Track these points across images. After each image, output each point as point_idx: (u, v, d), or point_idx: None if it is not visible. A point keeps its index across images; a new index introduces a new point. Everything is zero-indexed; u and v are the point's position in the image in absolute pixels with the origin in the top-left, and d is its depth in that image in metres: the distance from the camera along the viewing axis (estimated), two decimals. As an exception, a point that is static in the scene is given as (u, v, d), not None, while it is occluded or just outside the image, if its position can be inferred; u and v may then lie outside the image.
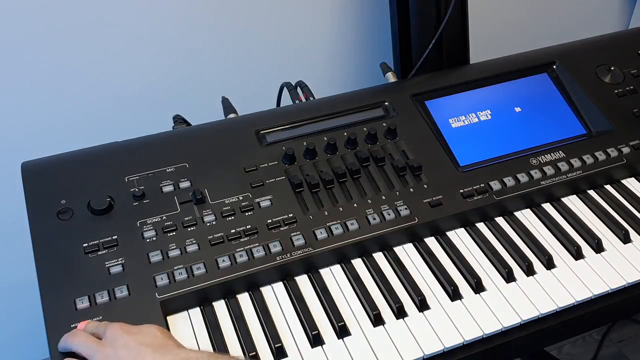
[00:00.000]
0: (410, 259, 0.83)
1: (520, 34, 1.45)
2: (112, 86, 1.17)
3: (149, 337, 0.65)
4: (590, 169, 0.93)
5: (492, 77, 1.04)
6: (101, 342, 0.66)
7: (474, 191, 0.89)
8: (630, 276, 0.81)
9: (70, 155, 0.88)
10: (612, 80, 1.05)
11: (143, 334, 0.65)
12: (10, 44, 1.06)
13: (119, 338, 0.65)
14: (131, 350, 0.63)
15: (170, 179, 0.85)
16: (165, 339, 0.65)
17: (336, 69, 1.34)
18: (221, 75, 1.24)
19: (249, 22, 1.21)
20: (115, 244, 0.78)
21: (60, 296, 0.72)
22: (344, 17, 1.28)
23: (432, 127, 0.96)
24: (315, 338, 0.73)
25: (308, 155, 0.90)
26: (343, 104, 0.98)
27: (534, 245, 0.85)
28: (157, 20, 1.14)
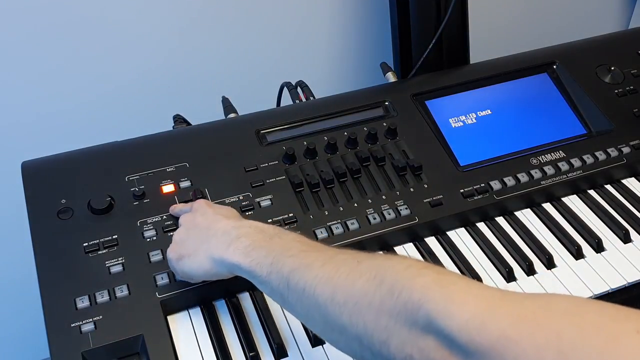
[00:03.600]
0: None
1: (520, 34, 1.45)
2: (112, 86, 1.17)
3: (225, 210, 0.74)
4: (590, 168, 0.93)
5: (492, 77, 1.04)
6: (184, 214, 0.76)
7: (474, 191, 0.89)
8: (630, 276, 0.81)
9: (70, 155, 0.88)
10: (612, 80, 1.05)
11: (221, 208, 0.75)
12: (10, 43, 1.06)
13: (199, 208, 0.74)
14: (207, 217, 0.71)
15: (171, 178, 0.85)
16: (237, 214, 0.74)
17: (336, 69, 1.34)
18: (221, 75, 1.24)
19: (249, 22, 1.21)
20: (115, 243, 0.78)
21: (61, 295, 0.72)
22: (344, 17, 1.28)
23: (432, 127, 0.96)
24: (316, 338, 0.72)
25: (308, 155, 0.90)
26: (343, 104, 0.98)
27: (535, 245, 0.85)
28: (157, 20, 1.14)
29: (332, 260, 0.57)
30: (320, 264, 0.57)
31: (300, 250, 0.60)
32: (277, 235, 0.64)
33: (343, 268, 0.55)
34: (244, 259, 0.63)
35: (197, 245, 0.69)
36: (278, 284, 0.59)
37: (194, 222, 0.72)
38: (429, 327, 0.47)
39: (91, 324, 0.70)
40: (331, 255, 0.58)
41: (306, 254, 0.59)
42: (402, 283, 0.49)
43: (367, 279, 0.52)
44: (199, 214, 0.72)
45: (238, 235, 0.65)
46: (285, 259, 0.60)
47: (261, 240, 0.64)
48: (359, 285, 0.52)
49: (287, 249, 0.61)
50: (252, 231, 0.65)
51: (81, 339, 0.69)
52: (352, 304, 0.52)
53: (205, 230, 0.69)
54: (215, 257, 0.66)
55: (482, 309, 0.45)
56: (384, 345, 0.50)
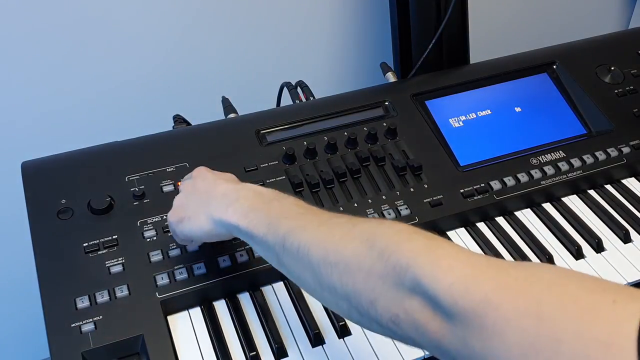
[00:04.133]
0: (411, 258, 0.83)
1: (520, 34, 1.45)
2: (112, 86, 1.17)
3: (225, 175, 0.74)
4: (590, 168, 0.93)
5: (492, 77, 1.04)
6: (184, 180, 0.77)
7: (474, 191, 0.89)
8: (630, 276, 0.81)
9: (70, 155, 0.88)
10: (612, 80, 1.05)
11: (222, 174, 0.75)
12: (10, 43, 1.06)
13: (200, 173, 0.74)
14: (207, 181, 0.72)
15: (171, 178, 0.85)
16: (237, 179, 0.74)
17: (336, 69, 1.34)
18: (221, 75, 1.24)
19: (249, 22, 1.21)
20: (115, 243, 0.78)
21: (61, 296, 0.72)
22: (344, 17, 1.28)
23: (432, 127, 0.96)
24: (316, 337, 0.73)
25: (308, 155, 0.90)
26: (343, 104, 0.98)
27: (534, 245, 0.85)
28: (157, 20, 1.14)
29: (328, 222, 0.59)
30: (315, 226, 0.59)
31: (297, 213, 0.62)
32: (275, 198, 0.66)
33: (337, 230, 0.57)
34: (242, 219, 0.64)
35: (197, 207, 0.70)
36: (274, 244, 0.61)
37: (194, 186, 0.73)
38: (415, 290, 0.48)
39: (91, 324, 0.70)
40: (327, 218, 0.60)
41: (302, 216, 0.61)
42: (392, 247, 0.51)
43: (359, 242, 0.54)
44: (200, 179, 0.73)
45: (237, 198, 0.67)
46: (281, 220, 0.61)
47: (259, 203, 0.65)
48: (350, 248, 0.54)
49: (285, 212, 0.63)
50: (251, 194, 0.67)
51: (81, 339, 0.69)
52: (343, 265, 0.54)
53: (205, 194, 0.70)
54: (215, 218, 0.67)
55: (466, 273, 0.46)
56: (372, 306, 0.51)
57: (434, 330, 0.47)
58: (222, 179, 0.72)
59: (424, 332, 0.48)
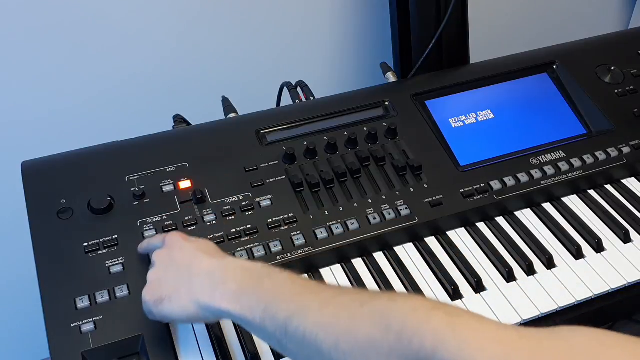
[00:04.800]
0: (411, 258, 0.83)
1: (520, 34, 1.46)
2: (112, 86, 1.17)
3: (204, 245, 0.67)
4: (590, 168, 0.93)
5: (492, 77, 1.04)
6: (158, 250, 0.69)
7: (474, 191, 0.89)
8: (630, 276, 0.81)
9: (70, 154, 0.88)
10: (612, 80, 1.05)
11: (200, 242, 0.68)
12: (10, 43, 1.06)
13: (176, 242, 0.67)
14: (186, 253, 0.65)
15: (171, 178, 0.85)
16: (219, 250, 0.67)
17: (336, 69, 1.34)
18: (221, 75, 1.24)
19: (249, 21, 1.21)
20: (115, 243, 0.78)
21: (61, 295, 0.72)
22: (344, 17, 1.28)
23: (432, 127, 0.96)
24: (316, 338, 0.73)
25: (308, 155, 0.90)
26: (343, 104, 0.98)
27: (535, 244, 0.85)
28: (157, 20, 1.14)
29: (331, 303, 0.54)
30: (318, 308, 0.54)
31: (293, 292, 0.57)
32: (266, 275, 0.60)
33: (344, 312, 0.52)
34: (234, 305, 0.59)
35: (177, 285, 0.63)
36: (274, 330, 0.56)
37: (171, 258, 0.66)
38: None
39: (91, 324, 0.70)
40: (329, 297, 0.55)
41: (301, 297, 0.56)
42: (412, 328, 0.47)
43: (372, 324, 0.50)
44: (177, 249, 0.66)
45: (224, 279, 0.61)
46: (279, 304, 0.56)
47: (250, 283, 0.60)
48: (363, 331, 0.50)
49: (280, 292, 0.58)
50: (239, 273, 0.61)
51: (81, 339, 0.69)
52: (359, 351, 0.50)
53: (185, 269, 0.64)
54: (201, 302, 0.61)
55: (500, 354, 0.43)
56: None
57: None
58: (202, 251, 0.65)
59: None
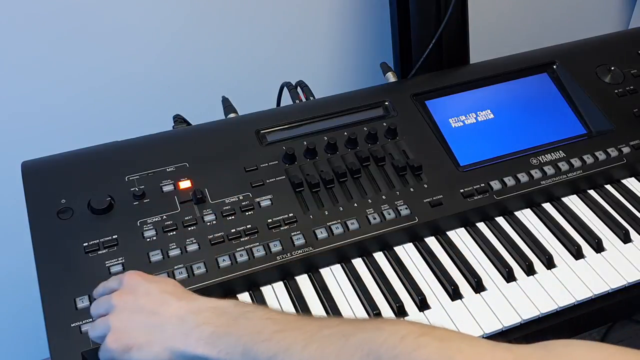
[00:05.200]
0: (411, 258, 0.83)
1: (520, 34, 1.45)
2: (112, 86, 1.17)
3: (170, 286, 0.64)
4: (590, 168, 0.93)
5: (492, 77, 1.04)
6: (118, 292, 0.63)
7: (474, 191, 0.88)
8: (630, 276, 0.81)
9: (70, 154, 0.88)
10: (612, 80, 1.05)
11: (164, 283, 0.64)
12: (10, 44, 1.06)
13: (139, 285, 0.63)
14: (154, 297, 0.61)
15: (171, 178, 0.85)
16: (185, 290, 0.64)
17: (336, 69, 1.34)
18: (221, 75, 1.24)
19: (249, 21, 1.21)
20: (115, 243, 0.78)
21: (61, 295, 0.72)
22: (344, 17, 1.28)
23: (432, 127, 0.96)
24: (316, 337, 0.73)
25: (308, 155, 0.90)
26: (343, 104, 0.97)
27: (534, 245, 0.85)
28: (157, 20, 1.14)
29: (314, 339, 0.52)
30: (301, 346, 0.52)
31: (273, 331, 0.55)
32: (242, 315, 0.58)
33: (330, 348, 0.50)
34: (210, 349, 0.56)
35: (147, 333, 0.60)
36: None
37: (136, 304, 0.62)
38: None
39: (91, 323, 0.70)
40: (311, 333, 0.53)
41: (282, 335, 0.54)
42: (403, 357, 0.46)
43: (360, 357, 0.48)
44: (141, 293, 0.62)
45: (197, 323, 0.58)
46: (258, 345, 0.54)
47: (225, 325, 0.57)
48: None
49: (258, 332, 0.55)
50: (212, 315, 0.59)
51: (81, 339, 0.69)
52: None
53: (154, 315, 0.60)
54: (175, 349, 0.58)
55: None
56: None
57: None
58: (169, 293, 0.62)
59: None
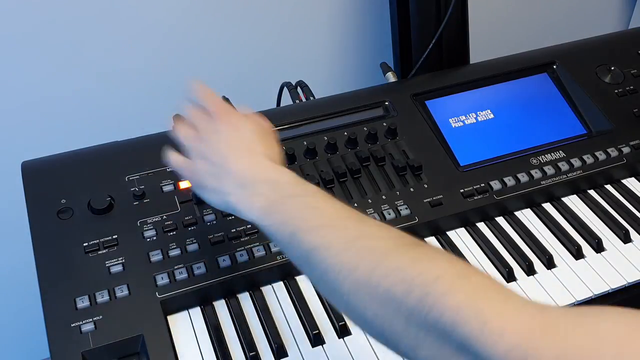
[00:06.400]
0: (411, 258, 0.83)
1: (520, 34, 1.45)
2: (112, 86, 1.16)
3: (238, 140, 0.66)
4: (590, 168, 0.93)
5: (492, 77, 1.04)
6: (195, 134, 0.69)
7: (474, 191, 0.88)
8: (630, 276, 0.81)
9: (70, 154, 0.88)
10: (612, 80, 1.05)
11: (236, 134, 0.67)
12: (10, 43, 1.06)
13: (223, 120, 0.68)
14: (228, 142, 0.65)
15: (171, 178, 0.85)
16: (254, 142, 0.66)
17: (336, 69, 1.34)
18: (221, 75, 1.24)
19: (249, 21, 1.21)
20: (115, 243, 0.78)
21: (61, 295, 0.72)
22: (344, 17, 1.28)
23: (432, 126, 0.96)
24: (316, 337, 0.73)
25: (308, 155, 0.90)
26: (343, 104, 0.97)
27: (535, 245, 0.85)
28: (157, 19, 1.14)
29: (355, 245, 0.53)
30: (342, 247, 0.53)
31: (319, 224, 0.56)
32: (292, 197, 0.60)
33: (366, 261, 0.51)
34: (260, 220, 0.60)
35: (209, 176, 0.64)
36: (298, 256, 0.57)
37: (216, 138, 0.66)
38: (463, 349, 0.44)
39: (91, 324, 0.70)
40: (353, 237, 0.54)
41: (325, 231, 0.55)
42: (433, 298, 0.46)
43: (392, 283, 0.49)
44: (231, 127, 0.67)
45: (252, 193, 0.61)
46: (304, 234, 0.56)
47: (276, 203, 0.60)
48: (383, 288, 0.49)
49: (305, 220, 0.57)
50: (266, 188, 0.61)
51: (81, 339, 0.69)
52: (378, 305, 0.49)
53: (221, 161, 0.64)
54: (230, 205, 0.63)
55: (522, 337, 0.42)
56: (413, 351, 0.48)
57: None
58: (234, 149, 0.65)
59: None
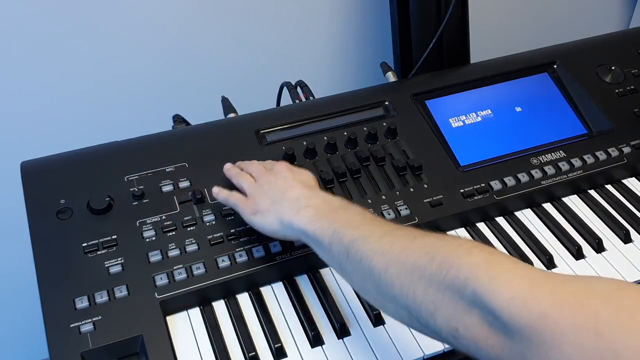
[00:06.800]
0: (411, 258, 0.83)
1: (520, 33, 1.45)
2: (111, 86, 1.16)
3: (304, 176, 0.77)
4: (590, 168, 0.93)
5: (492, 76, 1.04)
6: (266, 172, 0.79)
7: (474, 191, 0.88)
8: (630, 276, 0.81)
9: (70, 154, 0.88)
10: (613, 79, 1.05)
11: (300, 173, 0.78)
12: (9, 43, 1.06)
13: (281, 171, 0.77)
14: (287, 181, 0.75)
15: (170, 178, 0.85)
16: (314, 183, 0.77)
17: (336, 68, 1.34)
18: (221, 75, 1.24)
19: (249, 21, 1.21)
20: (114, 243, 0.77)
21: (60, 296, 0.72)
22: (344, 17, 1.28)
23: (432, 126, 0.96)
24: (315, 338, 0.73)
25: (308, 155, 0.90)
26: (343, 104, 0.97)
27: (535, 245, 0.85)
28: (156, 20, 1.14)
29: (390, 234, 0.61)
30: (377, 237, 0.61)
31: (360, 222, 0.65)
32: (341, 207, 0.69)
33: (398, 243, 0.59)
34: (310, 225, 0.68)
35: (270, 204, 0.74)
36: (338, 252, 0.64)
37: (272, 183, 0.76)
38: (475, 303, 0.49)
39: (90, 324, 0.70)
40: (389, 230, 0.62)
41: (366, 227, 0.64)
42: (452, 260, 0.52)
43: (420, 255, 0.55)
44: (280, 177, 0.76)
45: (306, 205, 0.70)
46: (346, 230, 0.64)
47: (326, 211, 0.68)
48: (412, 260, 0.56)
49: (349, 221, 0.65)
50: (320, 202, 0.70)
51: (80, 340, 0.69)
52: (404, 276, 0.55)
53: (280, 193, 0.74)
54: (284, 220, 0.71)
55: (524, 288, 0.47)
56: (431, 317, 0.53)
57: (493, 344, 0.48)
58: (300, 181, 0.75)
59: (483, 347, 0.49)
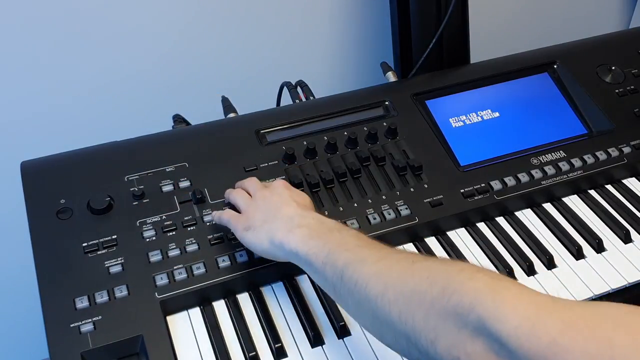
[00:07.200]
0: (411, 258, 0.83)
1: (521, 33, 1.45)
2: (111, 86, 1.16)
3: (300, 197, 0.74)
4: (591, 168, 0.93)
5: (492, 76, 1.04)
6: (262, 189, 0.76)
7: (474, 191, 0.88)
8: (631, 276, 0.81)
9: (70, 154, 0.88)
10: (613, 79, 1.05)
11: (297, 194, 0.75)
12: (9, 43, 1.06)
13: (278, 188, 0.75)
14: (282, 199, 0.72)
15: (170, 178, 0.85)
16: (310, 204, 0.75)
17: (336, 68, 1.34)
18: (221, 75, 1.24)
19: (249, 21, 1.21)
20: (114, 243, 0.77)
21: (60, 296, 0.72)
22: (344, 17, 1.28)
23: (432, 126, 0.96)
24: (316, 338, 0.72)
25: (308, 155, 0.90)
26: (343, 104, 0.97)
27: (535, 245, 0.85)
28: (157, 19, 1.14)
29: (386, 257, 0.58)
30: (374, 260, 0.58)
31: (355, 245, 0.62)
32: (336, 229, 0.66)
33: (396, 266, 0.56)
34: (302, 246, 0.65)
35: (262, 220, 0.71)
36: (332, 275, 0.61)
37: (267, 198, 0.74)
38: (479, 331, 0.47)
39: (90, 324, 0.70)
40: (386, 253, 0.59)
41: (361, 249, 0.61)
42: (455, 285, 0.50)
43: (419, 279, 0.53)
44: (276, 193, 0.74)
45: (300, 224, 0.67)
46: (340, 252, 0.61)
47: (320, 232, 0.66)
48: (411, 284, 0.53)
49: (344, 243, 0.63)
50: (314, 222, 0.68)
51: (80, 340, 0.69)
52: (403, 301, 0.53)
53: (273, 210, 0.71)
54: (275, 240, 0.68)
55: (532, 314, 0.44)
56: (432, 345, 0.50)
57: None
58: (294, 200, 0.72)
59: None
